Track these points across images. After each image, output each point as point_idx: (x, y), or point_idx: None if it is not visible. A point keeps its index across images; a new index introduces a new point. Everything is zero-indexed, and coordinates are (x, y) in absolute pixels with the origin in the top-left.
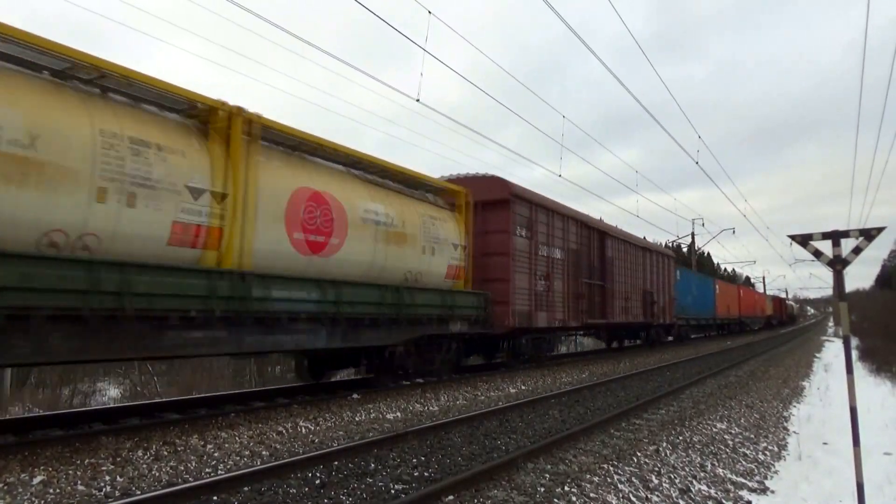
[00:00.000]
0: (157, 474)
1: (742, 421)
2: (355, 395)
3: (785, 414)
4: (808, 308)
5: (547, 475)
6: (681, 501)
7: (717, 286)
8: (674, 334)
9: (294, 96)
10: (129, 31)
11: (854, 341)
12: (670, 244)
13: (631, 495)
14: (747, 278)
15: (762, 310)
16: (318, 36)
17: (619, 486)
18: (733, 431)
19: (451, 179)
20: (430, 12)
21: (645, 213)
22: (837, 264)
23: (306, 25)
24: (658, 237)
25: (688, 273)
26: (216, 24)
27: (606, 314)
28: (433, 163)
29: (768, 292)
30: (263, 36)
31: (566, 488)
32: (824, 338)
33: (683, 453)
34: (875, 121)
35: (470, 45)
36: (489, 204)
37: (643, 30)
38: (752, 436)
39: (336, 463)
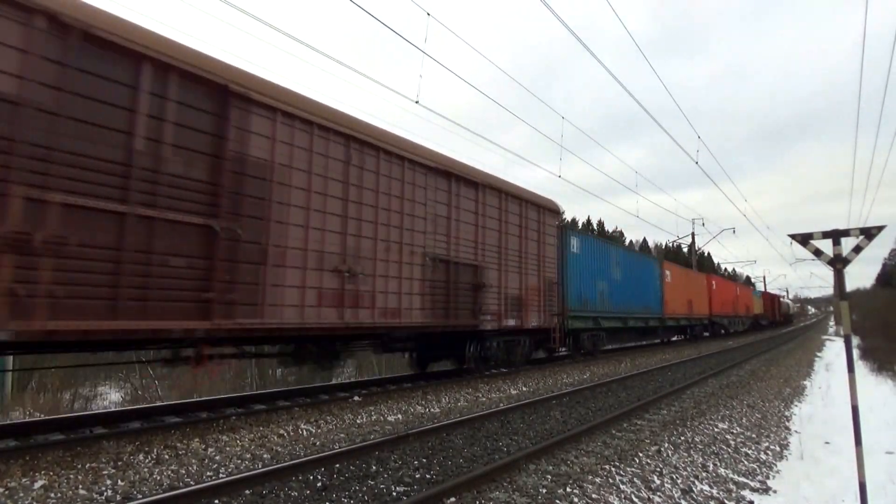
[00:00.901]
0: (159, 478)
1: (744, 420)
2: (356, 398)
3: (786, 413)
4: (809, 307)
5: (549, 476)
6: (683, 502)
7: (666, 272)
8: (561, 344)
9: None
10: None
11: (855, 340)
12: (671, 245)
13: (633, 496)
14: (748, 278)
15: (747, 308)
16: (318, 39)
17: (620, 486)
18: (735, 431)
19: None
20: (428, 14)
21: (646, 214)
22: (838, 263)
23: (306, 29)
24: (658, 238)
25: (599, 245)
26: (216, 28)
27: (231, 309)
28: None
29: (768, 290)
30: (264, 40)
31: (568, 489)
32: (825, 337)
33: (685, 453)
34: (875, 120)
35: (469, 46)
36: None
37: (650, 29)
38: (754, 435)
39: (337, 465)
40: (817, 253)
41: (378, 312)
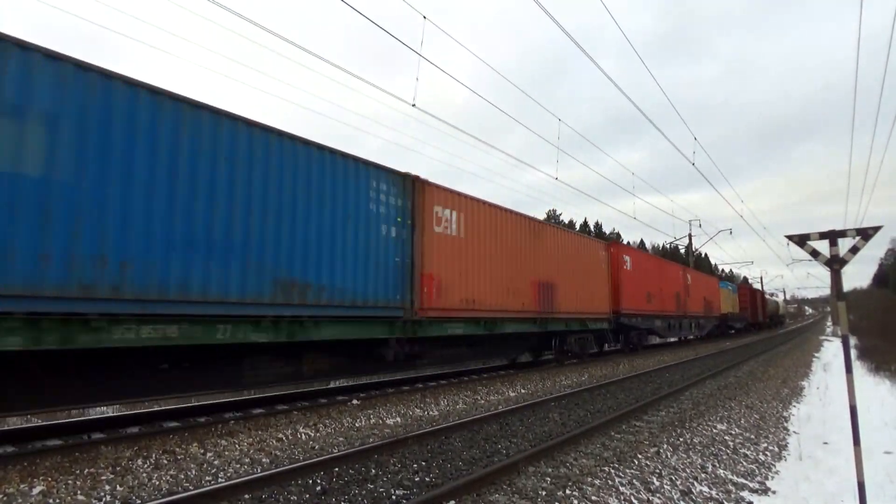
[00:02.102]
0: (157, 483)
1: (742, 422)
2: (355, 401)
3: (785, 414)
4: (807, 308)
5: (548, 478)
6: (682, 503)
7: (442, 214)
8: None
9: (299, 105)
10: (134, 42)
11: (853, 340)
12: (668, 246)
13: (632, 497)
14: (745, 279)
15: (708, 304)
16: (319, 44)
17: (620, 488)
18: (734, 432)
19: None
20: (424, 17)
21: (643, 216)
22: (835, 264)
23: (306, 33)
24: (656, 239)
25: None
26: (219, 35)
27: None
28: (435, 168)
29: (762, 288)
30: (265, 45)
31: (567, 491)
32: (823, 337)
33: (684, 455)
34: (872, 120)
35: (466, 49)
36: None
37: (653, 28)
38: (753, 436)
39: (337, 469)
40: (814, 254)
41: None
